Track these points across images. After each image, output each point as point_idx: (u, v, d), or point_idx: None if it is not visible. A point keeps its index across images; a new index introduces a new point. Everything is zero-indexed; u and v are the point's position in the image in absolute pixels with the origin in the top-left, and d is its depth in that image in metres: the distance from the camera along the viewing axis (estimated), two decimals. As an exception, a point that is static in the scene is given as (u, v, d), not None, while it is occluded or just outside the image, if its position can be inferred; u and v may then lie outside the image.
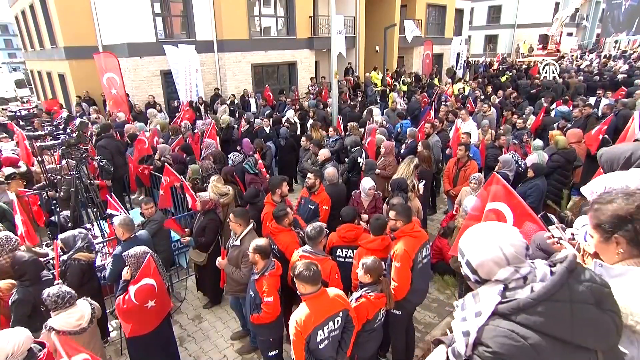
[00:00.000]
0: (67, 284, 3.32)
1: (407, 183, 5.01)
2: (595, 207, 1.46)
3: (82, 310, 3.00)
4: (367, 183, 4.97)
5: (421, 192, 5.46)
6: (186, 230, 5.20)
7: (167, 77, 13.28)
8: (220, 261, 3.95)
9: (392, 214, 3.55)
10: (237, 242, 3.83)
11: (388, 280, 3.36)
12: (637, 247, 1.39)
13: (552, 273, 1.30)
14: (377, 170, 6.18)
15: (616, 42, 34.40)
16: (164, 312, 3.59)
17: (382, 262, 3.35)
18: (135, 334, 3.41)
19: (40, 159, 5.98)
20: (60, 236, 3.92)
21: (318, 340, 2.78)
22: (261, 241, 3.38)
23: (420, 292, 3.69)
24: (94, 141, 7.51)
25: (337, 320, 2.87)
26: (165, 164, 6.24)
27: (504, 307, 1.28)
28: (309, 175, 4.91)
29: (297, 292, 2.88)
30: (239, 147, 7.57)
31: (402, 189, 4.79)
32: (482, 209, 3.28)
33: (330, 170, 5.37)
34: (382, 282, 3.22)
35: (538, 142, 6.76)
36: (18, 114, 4.84)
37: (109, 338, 4.44)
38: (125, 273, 3.43)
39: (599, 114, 9.34)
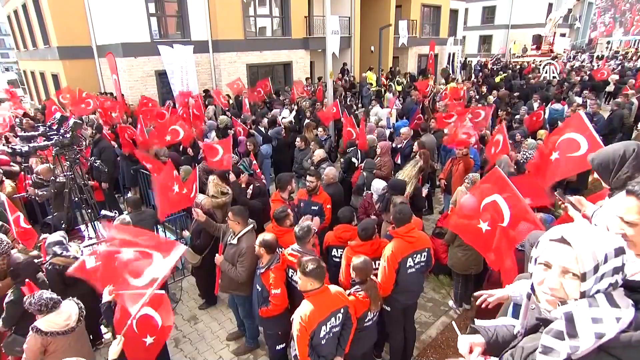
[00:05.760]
0: (49, 287, 3.27)
1: (405, 186, 4.99)
2: None
3: (69, 310, 2.98)
4: (379, 184, 4.97)
5: (424, 194, 5.56)
6: (185, 232, 5.17)
7: (162, 78, 13.22)
8: (217, 257, 3.95)
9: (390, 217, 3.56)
10: (234, 241, 3.83)
11: (375, 283, 3.37)
12: None
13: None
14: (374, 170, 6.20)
15: (608, 42, 34.75)
16: (161, 344, 3.18)
17: (372, 262, 3.39)
18: None
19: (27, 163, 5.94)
20: (48, 239, 3.85)
21: (321, 335, 2.84)
22: (268, 236, 3.44)
23: (411, 294, 3.69)
24: (87, 142, 7.44)
25: (339, 317, 2.94)
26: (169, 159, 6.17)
27: None
28: (310, 178, 4.85)
29: (299, 289, 2.92)
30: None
31: (397, 191, 4.75)
32: (479, 203, 3.23)
33: (331, 170, 5.39)
34: (368, 282, 3.24)
35: (532, 142, 6.80)
36: (18, 150, 4.76)
37: (103, 339, 4.41)
38: (106, 294, 2.96)
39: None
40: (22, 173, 6.09)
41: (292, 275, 3.53)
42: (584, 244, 1.17)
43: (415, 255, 3.53)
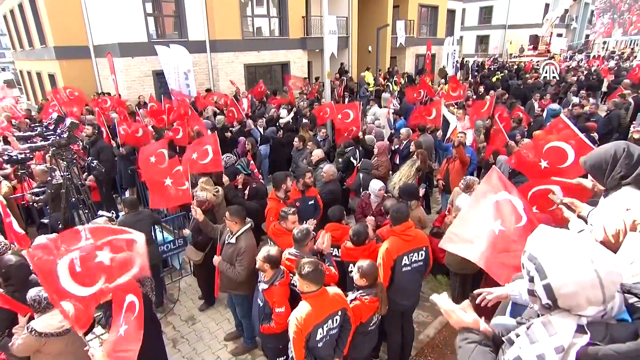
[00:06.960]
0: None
1: (417, 190, 4.98)
2: None
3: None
4: (376, 184, 4.99)
5: (421, 194, 5.54)
6: (185, 231, 5.17)
7: (159, 78, 13.19)
8: (215, 258, 3.94)
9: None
10: (232, 240, 3.82)
11: (382, 284, 3.35)
12: None
13: (626, 303, 1.20)
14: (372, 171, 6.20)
15: (604, 42, 34.87)
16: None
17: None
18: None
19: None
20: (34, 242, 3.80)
21: (318, 338, 2.81)
22: (273, 250, 3.30)
23: (407, 292, 3.66)
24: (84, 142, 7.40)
25: (336, 319, 2.91)
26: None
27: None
28: (308, 175, 4.98)
29: (297, 289, 2.91)
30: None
31: (410, 196, 4.70)
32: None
33: (330, 167, 5.40)
34: (378, 285, 3.21)
35: (529, 142, 6.81)
36: (15, 158, 4.76)
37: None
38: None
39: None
40: (19, 180, 6.01)
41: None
42: (532, 238, 1.33)
43: (411, 254, 3.52)
